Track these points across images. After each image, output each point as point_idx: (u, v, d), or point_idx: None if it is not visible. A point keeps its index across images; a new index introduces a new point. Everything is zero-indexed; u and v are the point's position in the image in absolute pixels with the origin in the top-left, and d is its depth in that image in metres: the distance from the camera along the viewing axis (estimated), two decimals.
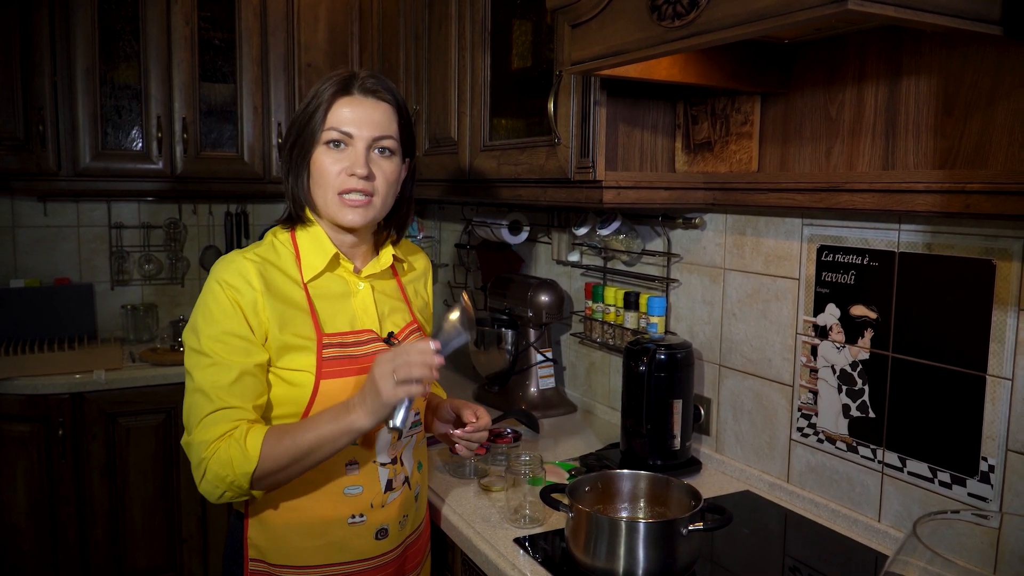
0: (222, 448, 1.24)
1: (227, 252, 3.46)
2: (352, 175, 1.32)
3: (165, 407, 2.85)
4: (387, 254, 1.46)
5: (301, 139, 1.35)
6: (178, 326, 3.14)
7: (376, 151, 1.36)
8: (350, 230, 1.40)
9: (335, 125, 1.33)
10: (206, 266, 3.52)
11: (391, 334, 1.43)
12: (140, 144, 3.03)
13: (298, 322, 1.32)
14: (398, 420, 1.23)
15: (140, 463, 2.84)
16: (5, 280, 3.16)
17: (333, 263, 1.39)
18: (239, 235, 3.52)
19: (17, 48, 2.79)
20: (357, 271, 1.43)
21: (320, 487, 1.35)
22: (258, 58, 3.16)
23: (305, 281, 1.36)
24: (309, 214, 1.40)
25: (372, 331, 1.40)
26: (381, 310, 1.44)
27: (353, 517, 1.38)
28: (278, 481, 1.29)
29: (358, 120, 1.34)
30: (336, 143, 1.34)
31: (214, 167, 3.13)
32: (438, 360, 1.23)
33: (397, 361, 1.21)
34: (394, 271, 1.51)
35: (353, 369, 1.34)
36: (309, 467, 1.28)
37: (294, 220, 1.41)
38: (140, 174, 3.03)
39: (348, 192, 1.33)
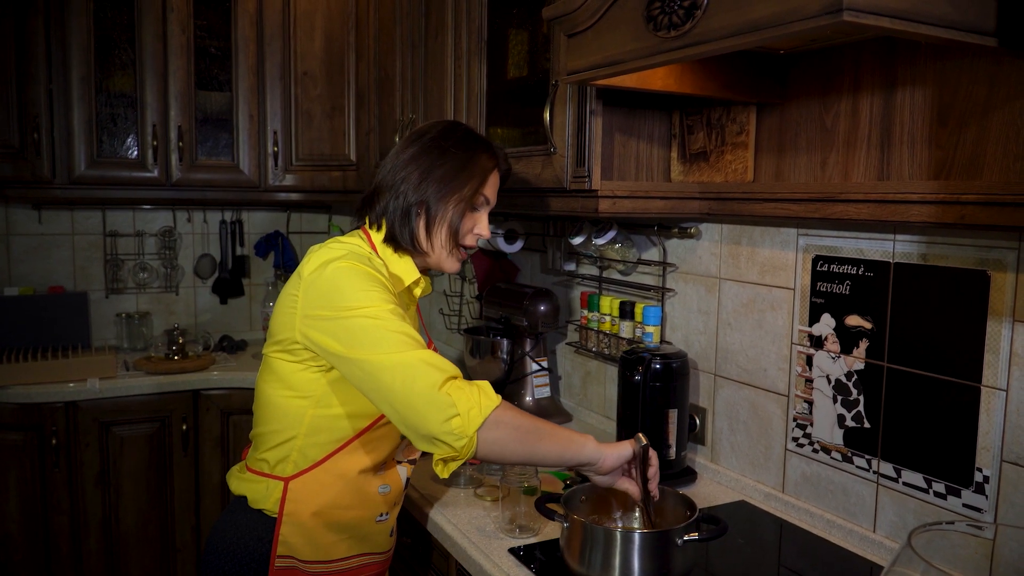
0: (457, 384, 1.22)
1: (221, 260, 3.49)
2: (479, 235, 1.47)
3: (159, 416, 2.83)
4: (428, 279, 1.56)
5: (457, 193, 1.43)
6: (172, 334, 3.11)
7: None
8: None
9: (487, 194, 1.49)
10: (201, 274, 3.51)
11: None
12: (135, 152, 3.02)
13: (408, 319, 1.38)
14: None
15: (134, 472, 2.83)
16: None
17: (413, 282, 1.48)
18: (234, 243, 3.52)
19: (12, 56, 2.79)
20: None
21: (361, 488, 1.44)
22: (254, 67, 3.16)
23: (396, 291, 1.42)
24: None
25: None
26: (416, 328, 1.54)
27: (380, 516, 1.50)
28: (499, 453, 1.25)
29: (495, 193, 1.53)
30: (479, 208, 1.49)
31: (209, 175, 3.13)
32: (635, 491, 1.39)
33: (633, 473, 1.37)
34: None
35: None
36: (527, 459, 1.29)
37: (396, 245, 1.45)
38: (135, 182, 3.02)
39: (467, 248, 1.48)
